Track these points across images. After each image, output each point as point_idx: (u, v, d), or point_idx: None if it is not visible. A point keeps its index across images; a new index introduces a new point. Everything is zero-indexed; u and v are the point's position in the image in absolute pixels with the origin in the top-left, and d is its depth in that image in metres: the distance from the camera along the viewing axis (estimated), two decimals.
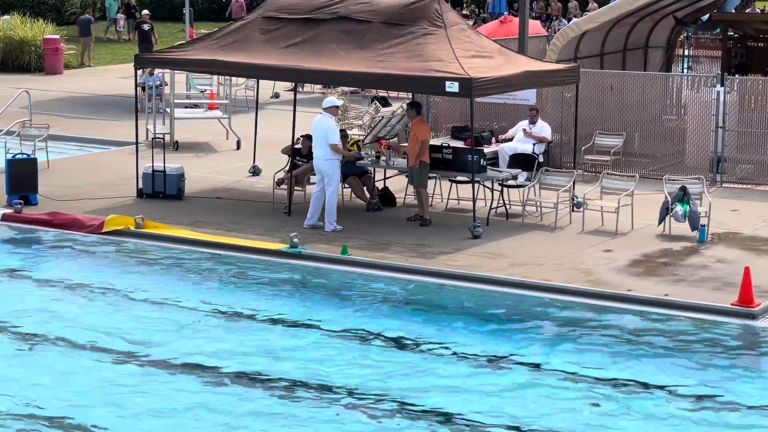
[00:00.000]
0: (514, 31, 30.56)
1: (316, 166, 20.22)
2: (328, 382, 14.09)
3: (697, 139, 24.05)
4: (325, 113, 20.25)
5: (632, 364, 14.74)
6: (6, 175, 21.92)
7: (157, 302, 17.07)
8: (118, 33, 50.37)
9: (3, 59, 40.64)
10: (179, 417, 13.09)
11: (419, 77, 19.88)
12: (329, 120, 20.16)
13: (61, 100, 34.28)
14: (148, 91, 29.29)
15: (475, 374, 14.43)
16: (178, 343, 15.37)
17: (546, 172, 21.35)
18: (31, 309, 16.65)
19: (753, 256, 18.75)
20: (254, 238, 19.64)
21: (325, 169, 20.03)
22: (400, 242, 19.39)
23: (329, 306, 16.94)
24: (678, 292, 17.05)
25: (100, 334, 15.62)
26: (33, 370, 14.39)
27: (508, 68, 20.50)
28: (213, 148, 27.54)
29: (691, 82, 26.55)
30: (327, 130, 20.01)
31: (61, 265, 18.91)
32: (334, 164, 20.07)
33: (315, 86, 34.51)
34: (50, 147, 25.58)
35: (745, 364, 15.02)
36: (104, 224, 20.23)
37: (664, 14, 29.30)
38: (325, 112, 20.26)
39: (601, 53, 28.47)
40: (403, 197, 22.14)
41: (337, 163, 20.12)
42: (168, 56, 22.95)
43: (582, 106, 22.85)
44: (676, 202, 19.69)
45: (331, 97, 21.15)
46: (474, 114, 20.02)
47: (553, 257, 18.65)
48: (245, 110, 30.12)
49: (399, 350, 15.26)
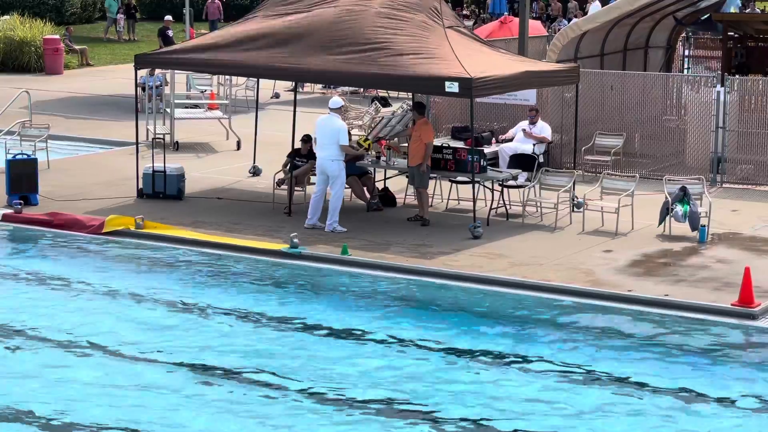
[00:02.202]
0: (515, 31, 30.57)
1: (321, 166, 20.12)
2: (327, 381, 14.10)
3: (697, 140, 24.05)
4: (332, 113, 20.21)
5: (632, 365, 14.73)
6: (6, 175, 21.92)
7: (158, 302, 17.07)
8: (118, 33, 50.37)
9: (3, 59, 40.64)
10: (179, 417, 13.09)
11: (419, 77, 19.88)
12: (339, 120, 20.14)
13: (61, 100, 34.27)
14: (148, 91, 29.29)
15: (476, 374, 14.43)
16: (178, 343, 15.36)
17: (546, 172, 21.35)
18: (32, 309, 16.65)
19: (753, 257, 18.75)
20: (254, 238, 19.64)
21: (332, 169, 19.98)
22: (400, 242, 19.39)
23: (329, 306, 16.93)
24: (678, 292, 17.05)
25: (99, 334, 15.62)
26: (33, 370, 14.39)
27: (508, 68, 20.50)
28: (213, 148, 27.53)
29: (691, 82, 26.55)
30: (338, 130, 19.95)
31: (61, 266, 18.89)
32: (340, 165, 20.05)
33: (315, 86, 34.52)
34: (50, 147, 25.59)
35: (745, 364, 15.01)
36: (104, 224, 20.23)
37: (664, 14, 29.31)
38: (332, 113, 20.22)
39: (601, 53, 28.47)
40: (403, 197, 22.14)
41: (343, 163, 20.11)
42: (168, 56, 22.95)
43: (582, 107, 22.85)
44: (676, 203, 19.69)
45: (337, 98, 21.14)
46: (474, 114, 20.02)
47: (553, 257, 18.65)
48: (245, 110, 30.11)
49: (399, 350, 15.26)
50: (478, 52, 20.64)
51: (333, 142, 19.93)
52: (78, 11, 54.54)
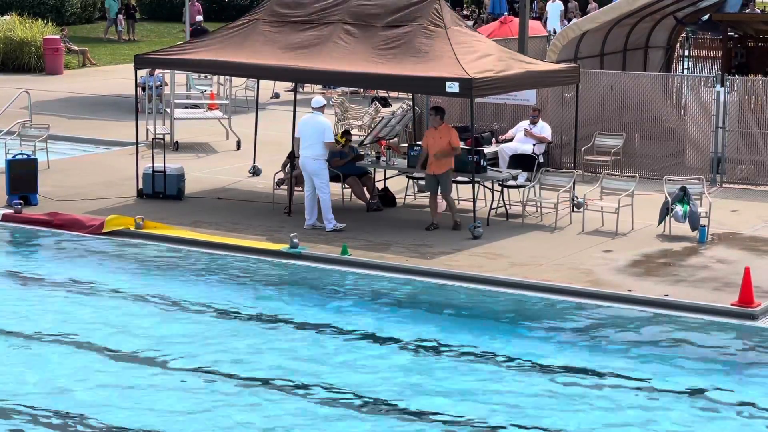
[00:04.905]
0: (514, 31, 30.58)
1: (303, 164, 20.14)
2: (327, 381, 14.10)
3: (697, 140, 24.05)
4: (315, 112, 20.24)
5: (632, 365, 14.73)
6: (6, 175, 21.92)
7: (158, 303, 17.07)
8: (118, 33, 50.37)
9: (3, 59, 40.63)
10: (179, 417, 13.09)
11: (419, 77, 19.88)
12: (322, 118, 20.17)
13: (61, 101, 34.27)
14: (148, 92, 29.29)
15: (475, 374, 14.42)
16: (178, 343, 15.36)
17: (546, 172, 21.35)
18: (31, 309, 16.65)
19: (753, 257, 18.75)
20: (254, 238, 19.64)
21: (312, 168, 20.00)
22: (400, 242, 19.39)
23: (329, 306, 16.93)
24: (678, 292, 17.05)
25: (99, 334, 15.62)
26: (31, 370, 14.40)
27: (508, 68, 20.50)
28: (213, 148, 27.53)
29: (691, 82, 26.55)
30: (325, 128, 20.01)
31: (61, 266, 18.89)
32: (321, 164, 20.06)
33: (315, 86, 34.52)
34: (50, 147, 25.59)
35: (745, 364, 15.01)
36: (104, 224, 20.23)
37: (664, 14, 29.31)
38: (315, 112, 20.25)
39: (601, 53, 28.48)
40: (403, 198, 22.14)
41: (325, 162, 20.12)
42: (168, 56, 22.94)
43: (582, 107, 22.85)
44: (676, 203, 19.69)
45: (319, 97, 21.08)
46: (474, 114, 20.02)
47: (553, 257, 18.65)
48: (245, 110, 30.12)
49: (399, 350, 15.25)
50: (479, 52, 20.63)
51: (316, 141, 19.96)
52: (78, 11, 54.51)
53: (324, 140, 19.96)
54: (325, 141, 19.97)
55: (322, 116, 20.21)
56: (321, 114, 20.25)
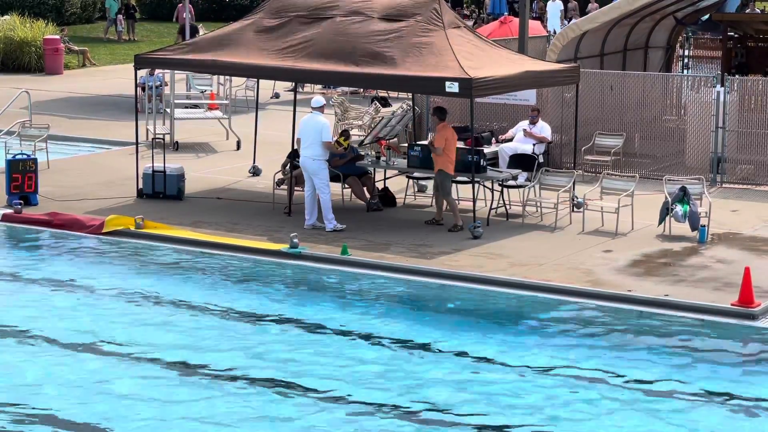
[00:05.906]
0: (514, 31, 30.59)
1: (303, 164, 20.18)
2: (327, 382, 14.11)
3: (697, 140, 24.05)
4: (315, 112, 20.25)
5: (632, 365, 14.73)
6: (6, 175, 21.93)
7: (157, 303, 17.07)
8: (118, 33, 50.39)
9: (3, 59, 40.66)
10: (179, 417, 13.09)
11: (419, 77, 19.89)
12: (321, 118, 20.18)
13: (61, 101, 34.28)
14: (148, 92, 29.30)
15: (475, 374, 14.43)
16: (178, 343, 15.36)
17: (546, 172, 21.36)
18: (31, 309, 16.65)
19: (753, 257, 18.76)
20: (254, 238, 19.65)
21: (312, 168, 20.02)
22: (400, 242, 19.39)
23: (329, 306, 16.93)
24: (678, 292, 17.05)
25: (99, 334, 15.62)
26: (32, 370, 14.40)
27: (508, 68, 20.50)
28: (213, 148, 27.54)
29: (691, 82, 26.55)
30: (323, 128, 20.02)
31: (61, 266, 18.90)
32: (321, 164, 20.07)
33: (315, 86, 34.52)
34: (50, 147, 25.59)
35: (745, 364, 15.02)
36: (104, 224, 20.23)
37: (664, 14, 29.32)
38: (315, 111, 20.26)
39: (601, 53, 28.49)
40: (403, 198, 22.15)
41: (324, 162, 20.13)
42: (168, 56, 22.93)
43: (582, 107, 22.85)
44: (676, 203, 19.70)
45: (319, 97, 21.11)
46: (474, 114, 20.02)
47: (553, 257, 18.65)
48: (245, 110, 30.13)
49: (399, 350, 15.25)
50: (479, 52, 20.64)
51: (315, 141, 19.97)
52: (78, 11, 54.53)
53: (321, 140, 19.97)
54: (322, 141, 19.98)
55: (321, 116, 20.22)
56: (320, 114, 20.26)
